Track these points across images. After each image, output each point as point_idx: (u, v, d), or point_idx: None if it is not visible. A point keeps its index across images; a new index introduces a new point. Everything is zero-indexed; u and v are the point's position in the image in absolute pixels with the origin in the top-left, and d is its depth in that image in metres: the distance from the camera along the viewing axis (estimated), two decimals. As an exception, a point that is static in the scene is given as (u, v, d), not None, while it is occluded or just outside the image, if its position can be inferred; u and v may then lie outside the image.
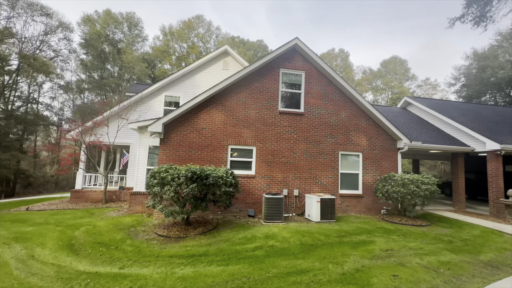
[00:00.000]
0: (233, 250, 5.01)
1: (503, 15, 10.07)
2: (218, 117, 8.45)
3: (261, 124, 8.70)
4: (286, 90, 9.10)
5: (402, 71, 38.03)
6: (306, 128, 9.02)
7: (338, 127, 9.29)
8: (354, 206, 9.09)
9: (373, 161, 9.42)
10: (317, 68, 9.32)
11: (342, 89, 9.37)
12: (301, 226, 7.03)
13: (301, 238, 5.83)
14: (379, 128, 9.60)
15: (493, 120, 11.67)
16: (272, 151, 8.68)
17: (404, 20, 67.87)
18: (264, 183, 8.52)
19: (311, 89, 9.23)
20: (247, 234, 6.12)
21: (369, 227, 6.99)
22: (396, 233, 6.48)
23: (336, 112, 9.33)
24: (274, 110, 8.84)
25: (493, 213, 9.05)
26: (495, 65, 21.30)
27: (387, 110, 13.52)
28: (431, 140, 9.97)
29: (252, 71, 8.72)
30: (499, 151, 8.87)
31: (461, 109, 12.94)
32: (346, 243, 5.55)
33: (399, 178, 7.72)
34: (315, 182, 8.89)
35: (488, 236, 6.39)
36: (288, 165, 8.74)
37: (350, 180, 9.25)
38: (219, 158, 8.31)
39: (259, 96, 8.80)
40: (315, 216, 7.62)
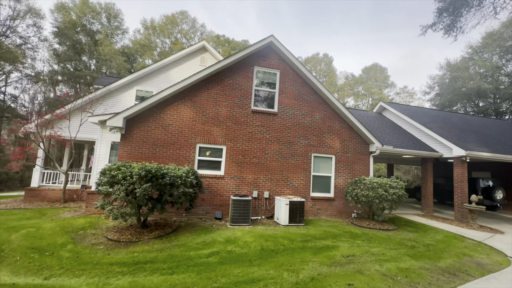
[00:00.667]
0: (185, 257, 4.60)
1: (472, 27, 10.44)
2: (186, 114, 8.00)
3: (232, 123, 8.35)
4: (260, 88, 8.83)
5: (382, 78, 39.31)
6: (279, 129, 8.79)
7: (312, 128, 9.14)
8: (325, 209, 8.96)
9: (345, 164, 9.36)
10: (292, 68, 9.13)
11: (317, 90, 9.24)
12: (267, 229, 6.74)
13: (264, 243, 5.52)
14: (353, 131, 9.57)
15: (461, 128, 12.10)
16: (243, 151, 8.35)
17: (388, 31, 70.60)
18: (233, 184, 8.16)
19: (286, 89, 9.02)
20: (207, 238, 5.73)
21: (336, 231, 6.83)
22: (362, 237, 6.35)
23: (310, 113, 9.18)
24: (246, 108, 8.53)
25: (457, 217, 9.27)
26: (466, 76, 22.47)
27: (363, 114, 13.67)
28: (402, 145, 10.10)
29: (224, 67, 8.36)
30: (464, 158, 9.11)
31: (432, 115, 13.35)
32: (309, 249, 5.31)
33: (369, 181, 7.66)
34: (287, 184, 8.66)
35: (450, 241, 6.43)
36: (259, 166, 8.45)
37: (322, 183, 9.12)
38: (186, 157, 7.85)
39: (231, 93, 8.45)
40: (283, 219, 7.37)
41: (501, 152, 9.84)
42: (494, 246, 6.17)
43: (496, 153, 9.52)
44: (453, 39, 10.71)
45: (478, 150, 9.30)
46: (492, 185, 12.40)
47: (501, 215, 11.88)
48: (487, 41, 22.36)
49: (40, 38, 24.06)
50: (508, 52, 21.92)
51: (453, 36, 10.59)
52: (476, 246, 6.16)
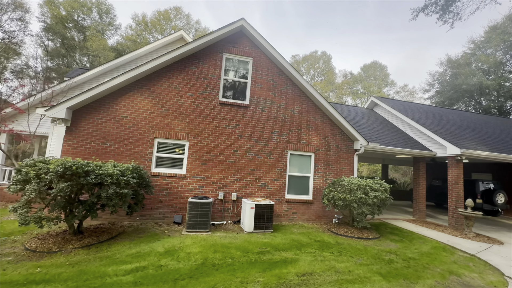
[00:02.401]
0: (98, 274, 3.71)
1: (470, 13, 9.44)
2: (143, 105, 7.12)
3: (197, 116, 7.45)
4: (229, 78, 7.93)
5: (382, 77, 38.13)
6: (251, 123, 7.87)
7: (289, 123, 8.21)
8: (302, 214, 8.02)
9: (326, 163, 8.42)
10: (267, 56, 8.21)
11: (295, 81, 8.31)
12: (225, 237, 5.83)
13: (210, 255, 4.62)
14: (335, 127, 8.62)
15: (458, 125, 11.08)
16: (209, 148, 7.45)
17: (392, 31, 69.23)
18: (196, 185, 7.27)
19: (259, 79, 8.11)
20: (145, 248, 4.84)
21: (305, 240, 5.89)
22: (332, 248, 5.42)
23: (287, 106, 8.26)
24: (213, 100, 7.63)
25: (452, 224, 8.28)
26: (467, 72, 21.31)
27: (352, 110, 12.69)
28: (392, 143, 9.12)
29: (188, 53, 7.47)
30: (460, 157, 8.11)
31: (427, 112, 12.33)
32: (261, 263, 4.39)
33: (347, 183, 6.72)
34: (259, 185, 7.75)
35: (437, 254, 5.46)
36: (227, 164, 7.54)
37: (299, 184, 8.19)
38: (142, 153, 6.98)
39: (196, 83, 7.56)
40: (247, 225, 6.45)
41: (502, 151, 8.82)
42: (489, 260, 5.19)
43: (496, 152, 8.50)
44: (449, 26, 9.71)
45: (476, 149, 8.30)
46: (493, 188, 11.36)
47: (502, 221, 10.83)
48: (490, 35, 21.19)
49: (25, 33, 23.41)
50: (512, 47, 20.75)
51: (449, 23, 9.60)
52: (468, 261, 5.19)
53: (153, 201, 6.93)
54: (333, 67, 41.17)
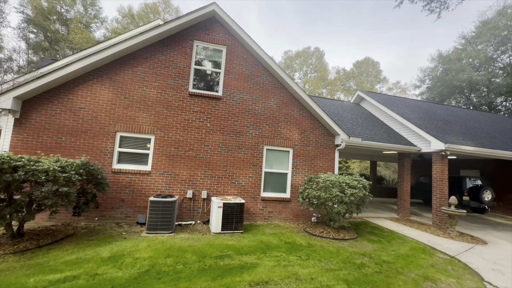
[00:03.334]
0: (13, 287, 3.17)
1: (458, 2, 9.01)
2: (104, 95, 6.53)
3: (164, 108, 6.89)
4: (201, 67, 7.36)
5: (374, 73, 37.83)
6: (224, 116, 7.34)
7: (265, 116, 7.71)
8: (279, 213, 7.56)
9: (305, 159, 7.95)
10: (242, 44, 7.67)
11: (272, 72, 7.79)
12: (188, 239, 5.33)
13: (160, 261, 4.11)
14: (315, 121, 8.15)
15: (445, 120, 10.72)
16: (177, 142, 6.91)
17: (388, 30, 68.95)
18: (163, 182, 6.73)
19: (234, 69, 7.57)
20: (89, 253, 4.30)
21: (275, 242, 5.42)
22: (302, 251, 4.96)
23: (264, 99, 7.75)
24: (182, 91, 7.07)
25: (435, 222, 7.91)
26: (458, 68, 21.06)
27: (338, 104, 12.24)
28: (375, 138, 8.69)
29: (154, 39, 6.88)
30: (444, 152, 7.72)
31: (414, 106, 11.95)
32: (215, 270, 3.90)
33: (322, 180, 6.26)
34: (232, 182, 7.25)
35: (415, 256, 5.04)
36: (197, 160, 7.01)
37: (276, 181, 7.71)
38: (102, 148, 6.40)
39: (163, 72, 6.99)
40: (214, 225, 5.96)
41: (488, 146, 8.47)
42: (470, 263, 4.79)
43: (482, 147, 8.14)
44: (437, 16, 9.29)
45: (461, 144, 7.92)
46: (480, 185, 11.06)
47: (489, 219, 10.56)
48: (481, 30, 20.93)
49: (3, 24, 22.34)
50: (503, 43, 20.54)
51: (436, 12, 9.17)
52: (447, 264, 4.78)
53: (114, 200, 6.38)
54: (326, 63, 40.75)
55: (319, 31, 69.84)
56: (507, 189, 11.79)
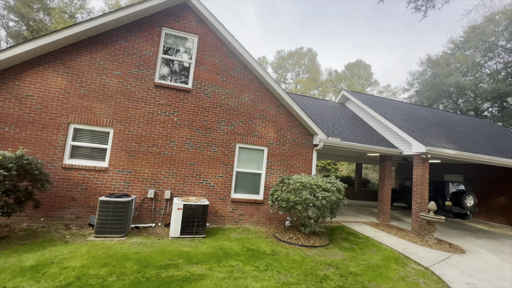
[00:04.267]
0: None
1: (444, 1, 8.73)
2: (56, 83, 5.89)
3: (125, 99, 6.30)
4: (169, 57, 6.80)
5: (365, 76, 37.89)
6: (193, 110, 6.80)
7: (239, 112, 7.21)
8: (250, 215, 7.06)
9: (281, 159, 7.49)
10: (215, 34, 7.14)
11: (248, 65, 7.30)
12: (139, 245, 4.77)
13: (92, 271, 3.55)
14: (293, 119, 7.70)
15: (429, 122, 10.45)
16: (139, 137, 6.32)
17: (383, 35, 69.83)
18: (121, 180, 6.13)
19: (206, 60, 7.04)
20: (11, 261, 3.70)
21: (236, 249, 4.92)
22: (263, 260, 4.47)
23: (238, 93, 7.24)
24: (148, 81, 6.50)
25: (415, 228, 7.57)
26: (446, 72, 21.09)
27: (322, 103, 11.85)
28: (356, 139, 8.31)
29: (116, 24, 6.27)
30: (425, 155, 7.39)
31: (399, 108, 11.68)
32: (151, 283, 3.37)
33: (293, 181, 5.79)
34: (199, 182, 6.71)
35: (386, 267, 4.62)
36: (161, 157, 6.45)
37: (249, 182, 7.22)
38: (52, 141, 5.76)
39: (126, 60, 6.40)
40: (173, 229, 5.41)
41: (471, 150, 8.20)
42: (444, 276, 4.41)
43: (465, 151, 7.86)
44: (423, 15, 8.99)
45: (443, 147, 7.61)
46: (462, 190, 10.84)
47: (470, 224, 10.34)
48: (469, 35, 21.01)
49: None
50: (490, 49, 20.66)
51: (422, 10, 8.87)
52: (420, 276, 4.38)
53: (64, 199, 5.75)
54: (318, 64, 40.57)
55: (315, 34, 70.15)
56: (489, 195, 11.65)
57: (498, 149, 9.32)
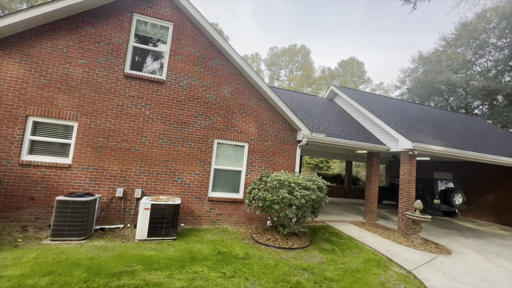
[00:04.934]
0: None
1: (434, -7, 8.43)
2: (12, 71, 5.37)
3: (91, 90, 5.82)
4: (141, 45, 6.32)
5: (358, 73, 37.78)
6: (167, 103, 6.36)
7: (217, 106, 6.79)
8: (229, 215, 6.68)
9: (263, 155, 7.11)
10: (192, 22, 6.69)
11: (228, 56, 6.87)
12: (98, 249, 4.34)
13: (30, 281, 3.13)
14: (275, 114, 7.32)
15: (417, 119, 10.21)
16: (107, 132, 5.86)
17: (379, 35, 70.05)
18: (86, 178, 5.67)
19: (181, 50, 6.58)
20: None
21: (206, 252, 4.53)
22: (233, 265, 4.09)
23: (216, 85, 6.82)
24: (117, 71, 6.01)
25: (401, 228, 7.31)
26: (437, 70, 21.00)
27: (310, 99, 11.51)
28: (342, 135, 7.98)
29: (81, 8, 5.76)
30: (412, 151, 7.11)
31: (388, 104, 11.42)
32: (96, 295, 2.95)
33: (270, 179, 5.42)
34: (173, 180, 6.28)
35: (366, 271, 4.30)
36: (131, 154, 6.00)
37: (228, 180, 6.83)
38: (7, 136, 5.25)
39: (93, 47, 5.90)
40: (139, 230, 4.99)
41: (459, 147, 7.96)
42: (426, 280, 4.10)
43: (452, 147, 7.61)
44: (412, 7, 8.69)
45: (430, 143, 7.34)
46: (451, 188, 10.67)
47: (458, 223, 10.18)
48: (460, 32, 20.94)
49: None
50: (481, 47, 20.61)
51: (411, 2, 8.57)
52: (401, 281, 4.07)
53: (21, 198, 5.26)
54: (311, 61, 40.28)
55: (310, 32, 70.10)
56: (478, 193, 11.53)
57: (486, 146, 9.13)
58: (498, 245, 6.93)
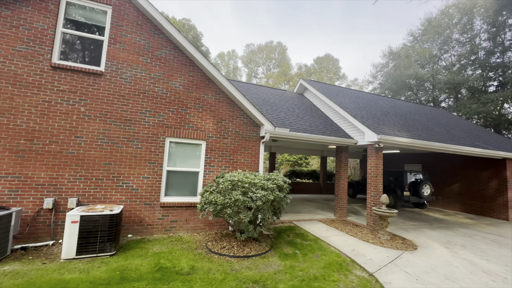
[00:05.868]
0: None
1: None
2: None
3: (8, 84, 4.89)
4: (71, 31, 5.46)
5: (334, 70, 38.33)
6: (108, 98, 5.56)
7: (168, 100, 6.09)
8: (185, 222, 6.03)
9: (223, 154, 6.52)
10: (135, 6, 5.91)
11: (179, 45, 6.18)
12: (3, 276, 3.53)
13: None
14: (236, 108, 6.75)
15: (385, 111, 10.15)
16: (30, 132, 4.96)
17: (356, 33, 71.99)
18: (5, 189, 4.76)
19: (123, 37, 5.79)
20: None
21: (144, 269, 3.87)
22: (172, 283, 3.49)
23: (167, 78, 6.11)
24: (41, 61, 5.12)
25: (370, 223, 7.07)
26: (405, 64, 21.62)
27: (279, 93, 11.10)
28: (308, 129, 7.60)
29: (-10, -15, 4.82)
30: (378, 144, 6.89)
31: (356, 97, 11.30)
32: None
33: (223, 180, 4.86)
34: (117, 186, 5.51)
35: (325, 278, 3.87)
36: (63, 157, 5.14)
37: (183, 182, 6.17)
38: None
39: (8, 33, 4.96)
40: (66, 248, 4.22)
41: (425, 138, 7.90)
42: (388, 284, 3.76)
43: (417, 139, 7.51)
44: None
45: (395, 135, 7.16)
46: (420, 179, 10.76)
47: (427, 214, 10.27)
48: (426, 28, 21.67)
49: None
50: (445, 42, 21.46)
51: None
52: (362, 286, 3.68)
53: None
54: (288, 58, 40.22)
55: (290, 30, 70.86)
56: (445, 183, 11.78)
57: (451, 137, 9.22)
58: (463, 235, 6.90)
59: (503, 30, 18.72)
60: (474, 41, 20.12)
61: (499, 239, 6.77)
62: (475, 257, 5.14)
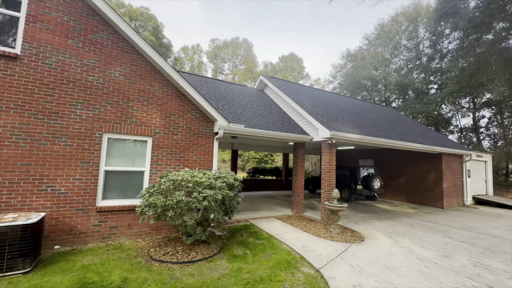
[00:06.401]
0: None
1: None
2: None
3: None
4: (-26, 3, 4.47)
5: (298, 69, 39.43)
6: (25, 86, 4.68)
7: (106, 91, 5.38)
8: (128, 227, 5.43)
9: (172, 152, 6.03)
10: (62, -20, 5.08)
11: (118, 29, 5.50)
12: None
13: None
14: (187, 102, 6.30)
15: (340, 109, 10.59)
16: None
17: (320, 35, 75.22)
18: None
19: (47, 16, 4.93)
20: None
21: (65, 286, 3.29)
22: (92, 302, 2.99)
23: (104, 66, 5.39)
24: None
25: (323, 218, 7.24)
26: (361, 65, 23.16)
27: (238, 89, 10.87)
28: (265, 125, 7.48)
29: None
30: (331, 140, 7.06)
31: (315, 95, 11.63)
32: None
33: (164, 180, 4.44)
34: (39, 190, 4.70)
35: (271, 279, 3.73)
36: (-37, 157, 4.19)
37: (126, 183, 5.55)
38: None
39: None
40: (-41, 270, 3.40)
41: (374, 135, 8.36)
42: (332, 279, 3.76)
43: (367, 135, 7.90)
44: None
45: (347, 131, 7.42)
46: (372, 174, 11.47)
47: (377, 205, 11.01)
48: (379, 33, 23.43)
49: None
50: (395, 47, 23.43)
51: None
52: (307, 285, 3.62)
53: None
54: (254, 55, 40.18)
55: (258, 28, 71.65)
56: (393, 176, 12.77)
57: (397, 133, 9.95)
58: (405, 225, 7.46)
59: (441, 38, 21.04)
60: (418, 48, 22.29)
61: (435, 226, 7.46)
62: (413, 245, 5.52)
